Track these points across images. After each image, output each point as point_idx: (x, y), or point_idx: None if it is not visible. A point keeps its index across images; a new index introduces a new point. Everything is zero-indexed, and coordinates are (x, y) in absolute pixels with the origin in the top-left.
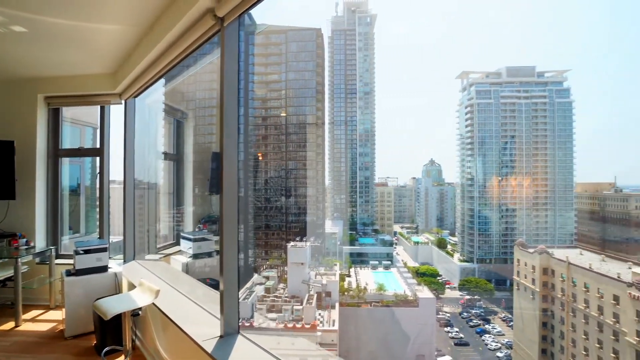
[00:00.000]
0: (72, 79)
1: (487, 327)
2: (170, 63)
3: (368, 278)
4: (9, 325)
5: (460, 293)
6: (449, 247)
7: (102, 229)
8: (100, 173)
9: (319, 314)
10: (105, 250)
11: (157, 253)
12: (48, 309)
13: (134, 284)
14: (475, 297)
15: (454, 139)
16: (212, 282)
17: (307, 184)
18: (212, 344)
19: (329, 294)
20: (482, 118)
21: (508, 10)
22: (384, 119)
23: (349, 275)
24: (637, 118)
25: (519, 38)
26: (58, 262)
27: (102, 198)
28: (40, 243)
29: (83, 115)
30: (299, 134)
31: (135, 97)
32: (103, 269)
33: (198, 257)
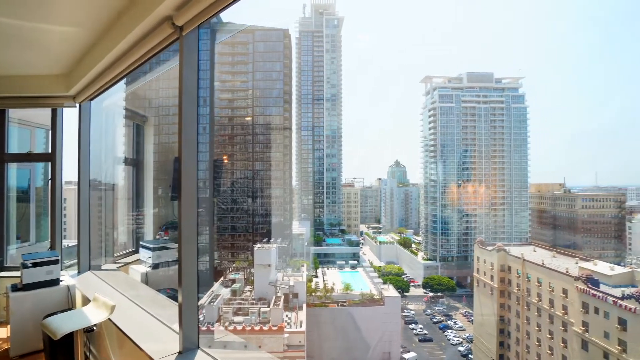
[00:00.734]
0: (19, 79)
1: (449, 322)
2: (129, 67)
3: (335, 278)
4: None
5: (424, 290)
6: (414, 246)
7: (53, 239)
8: (52, 179)
9: (287, 316)
10: (57, 263)
11: (114, 262)
12: None
13: (89, 298)
14: (439, 294)
15: (419, 141)
16: (172, 292)
17: (274, 185)
18: None
19: (296, 295)
20: (444, 121)
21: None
22: (351, 121)
23: (317, 276)
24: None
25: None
26: (3, 274)
27: (54, 205)
28: None
29: (33, 117)
30: (266, 135)
31: (91, 100)
32: (54, 283)
33: (158, 266)
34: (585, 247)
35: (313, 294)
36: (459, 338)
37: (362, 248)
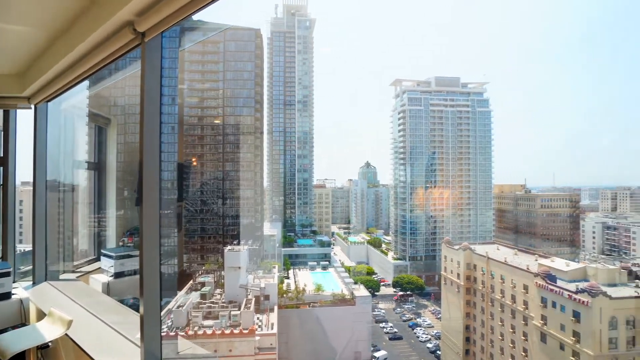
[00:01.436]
0: None
1: (418, 320)
2: (89, 70)
3: (307, 279)
4: None
5: (394, 290)
6: (384, 246)
7: (5, 249)
8: (4, 185)
9: (258, 318)
10: (8, 275)
11: (74, 271)
12: None
13: (44, 312)
14: (408, 293)
15: (388, 143)
16: (135, 301)
17: (245, 186)
18: None
19: (268, 297)
20: (413, 124)
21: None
22: (323, 122)
23: (288, 277)
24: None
25: (446, 50)
26: None
27: (5, 213)
28: None
29: None
30: (237, 135)
31: (48, 101)
32: (5, 296)
33: (120, 275)
34: (545, 244)
35: (285, 296)
36: (428, 335)
37: (333, 248)
